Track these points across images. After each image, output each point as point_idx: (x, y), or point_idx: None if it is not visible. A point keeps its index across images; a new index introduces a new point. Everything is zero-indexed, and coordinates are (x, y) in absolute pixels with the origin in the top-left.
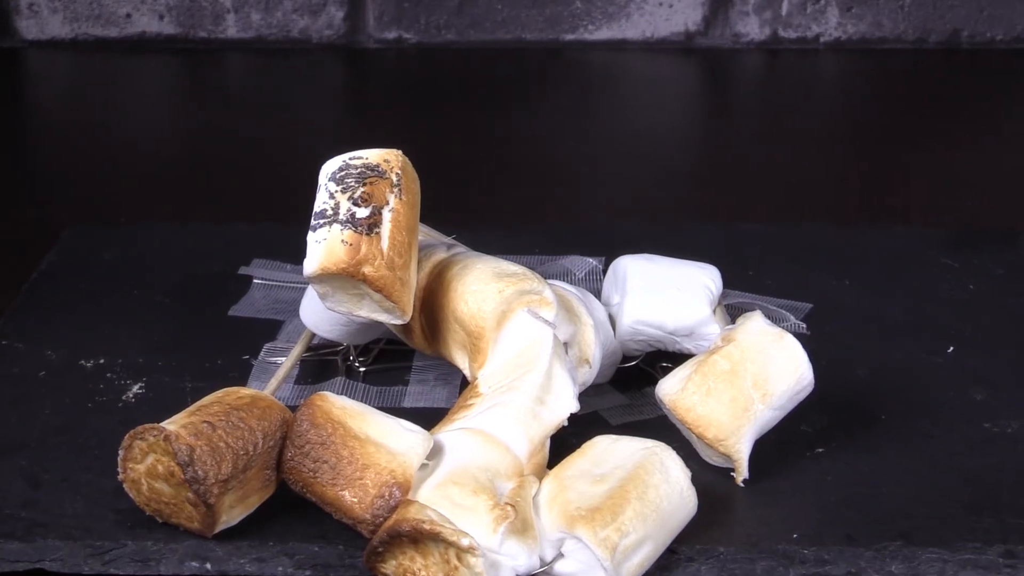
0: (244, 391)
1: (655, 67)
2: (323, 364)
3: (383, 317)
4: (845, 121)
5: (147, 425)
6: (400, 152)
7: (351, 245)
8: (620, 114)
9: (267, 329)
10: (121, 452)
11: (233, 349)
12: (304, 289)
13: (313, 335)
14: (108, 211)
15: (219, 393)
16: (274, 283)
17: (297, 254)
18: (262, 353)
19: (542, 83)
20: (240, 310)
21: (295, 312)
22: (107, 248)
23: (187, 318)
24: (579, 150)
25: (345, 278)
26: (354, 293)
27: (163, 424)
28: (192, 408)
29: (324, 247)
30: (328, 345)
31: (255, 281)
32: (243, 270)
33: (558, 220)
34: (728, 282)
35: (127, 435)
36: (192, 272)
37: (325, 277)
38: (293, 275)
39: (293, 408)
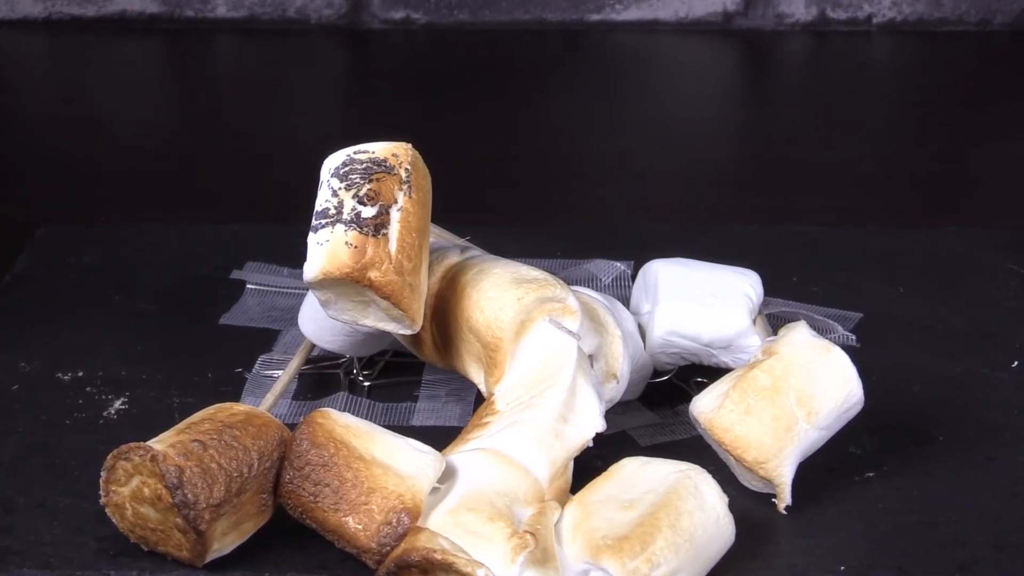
0: (238, 407)
1: (689, 51)
2: (324, 378)
3: (390, 327)
4: (899, 112)
5: (132, 444)
6: (409, 145)
7: (356, 247)
8: (650, 103)
9: (262, 339)
10: (103, 474)
11: (225, 361)
12: (303, 295)
13: (313, 346)
14: (87, 209)
15: (210, 409)
16: (270, 289)
17: (296, 257)
18: (257, 366)
19: (564, 69)
20: (233, 318)
21: (293, 321)
22: (86, 249)
23: (174, 327)
24: (605, 143)
25: (349, 284)
26: (359, 300)
27: (149, 443)
28: (181, 426)
29: (326, 250)
30: (329, 357)
31: (249, 286)
32: (236, 274)
33: (582, 220)
34: (769, 289)
35: (110, 455)
36: (180, 276)
37: (327, 282)
38: (291, 280)
39: (291, 426)
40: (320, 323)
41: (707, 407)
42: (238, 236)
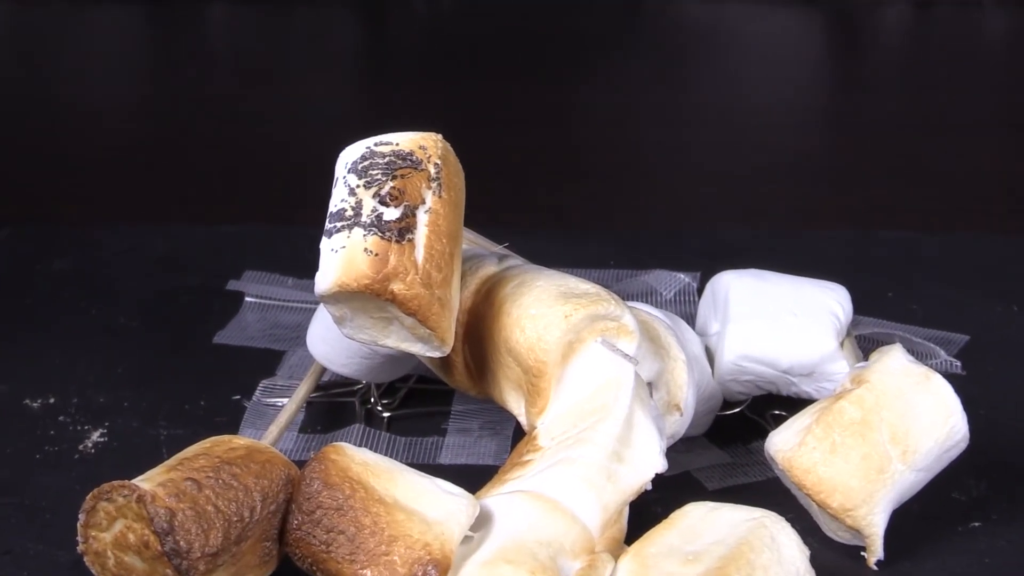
0: (237, 441)
1: (767, 24)
2: (337, 408)
3: (416, 348)
4: (1016, 97)
5: (115, 483)
6: (439, 136)
7: (377, 255)
8: (720, 86)
9: (264, 362)
10: (81, 517)
11: (220, 387)
12: (313, 311)
13: (324, 370)
14: (59, 207)
15: (206, 443)
16: (273, 302)
17: (304, 265)
18: (258, 392)
19: (618, 46)
20: (229, 337)
21: (300, 340)
22: (58, 254)
23: (161, 346)
24: (667, 132)
25: (368, 297)
26: (379, 317)
27: (135, 481)
28: (172, 462)
29: (342, 257)
30: (343, 383)
31: (248, 299)
32: (233, 285)
33: (640, 223)
34: (860, 306)
35: (89, 495)
36: (167, 286)
37: (342, 296)
38: (298, 292)
39: (300, 463)
40: (333, 343)
41: (785, 444)
42: (235, 239)
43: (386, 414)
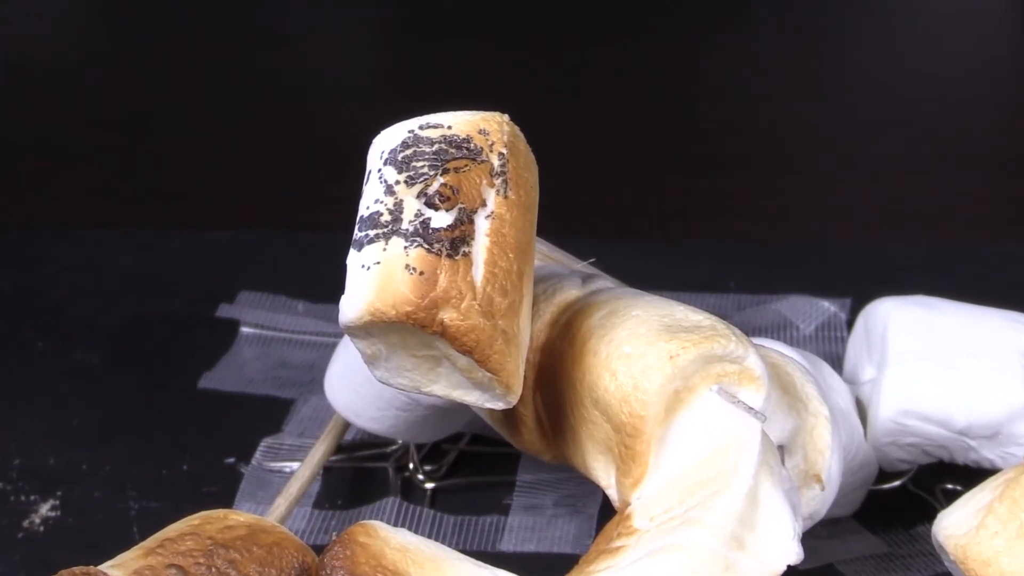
0: (235, 517)
1: None
2: (364, 476)
3: (472, 397)
4: None
5: (77, 569)
6: (506, 117)
7: (422, 274)
8: (880, 55)
9: (266, 413)
10: None
11: (209, 446)
12: (332, 346)
13: (347, 426)
14: None
15: (194, 520)
16: (278, 334)
17: (320, 284)
18: (259, 454)
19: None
20: (220, 380)
21: (316, 385)
22: None
23: (129, 392)
24: (809, 113)
25: (410, 330)
26: (424, 355)
27: (103, 568)
28: (150, 543)
29: (376, 277)
30: (373, 443)
31: (244, 330)
32: (224, 311)
33: (771, 232)
34: None
35: None
36: (137, 312)
37: (376, 327)
38: (312, 321)
39: (317, 548)
40: (360, 390)
41: (959, 528)
42: (228, 249)
43: (430, 484)
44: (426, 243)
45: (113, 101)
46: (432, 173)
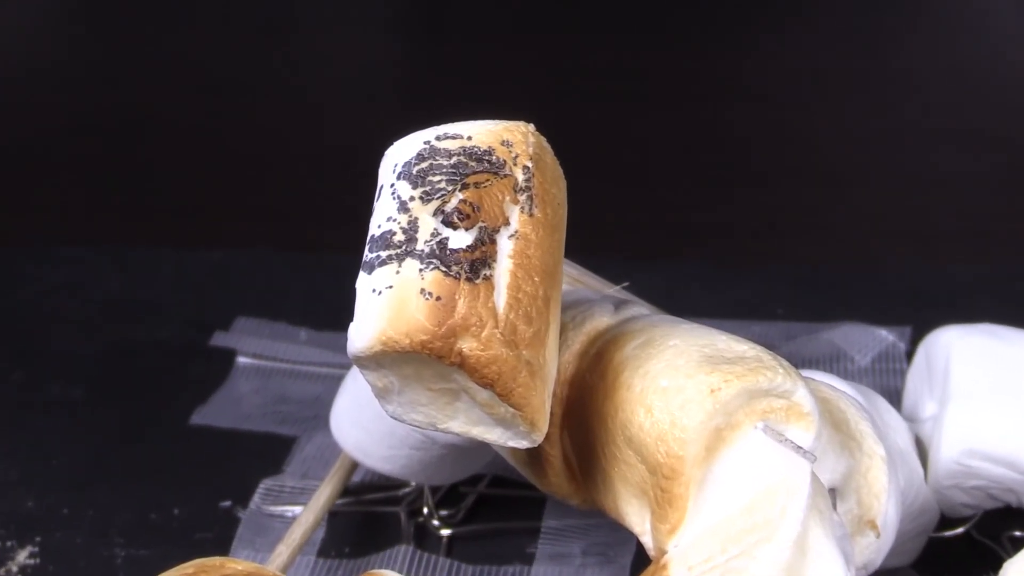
0: (233, 565)
1: None
2: (374, 521)
3: (493, 435)
4: None
5: None
6: (532, 127)
7: (439, 300)
8: (945, 52)
9: (266, 452)
10: None
11: (202, 489)
12: (339, 378)
13: (355, 466)
14: None
15: (187, 568)
16: (278, 365)
17: (325, 310)
18: (257, 497)
19: None
20: (214, 415)
21: (322, 422)
22: None
23: (114, 429)
24: (866, 119)
25: (426, 360)
26: (441, 389)
27: None
28: None
29: (388, 302)
30: (384, 486)
31: (241, 360)
32: (219, 339)
33: (822, 252)
34: None
35: None
36: (123, 340)
37: (388, 358)
38: (316, 351)
39: None
40: (370, 427)
41: None
42: (223, 270)
43: (446, 531)
44: (443, 265)
45: (96, 105)
46: (450, 188)
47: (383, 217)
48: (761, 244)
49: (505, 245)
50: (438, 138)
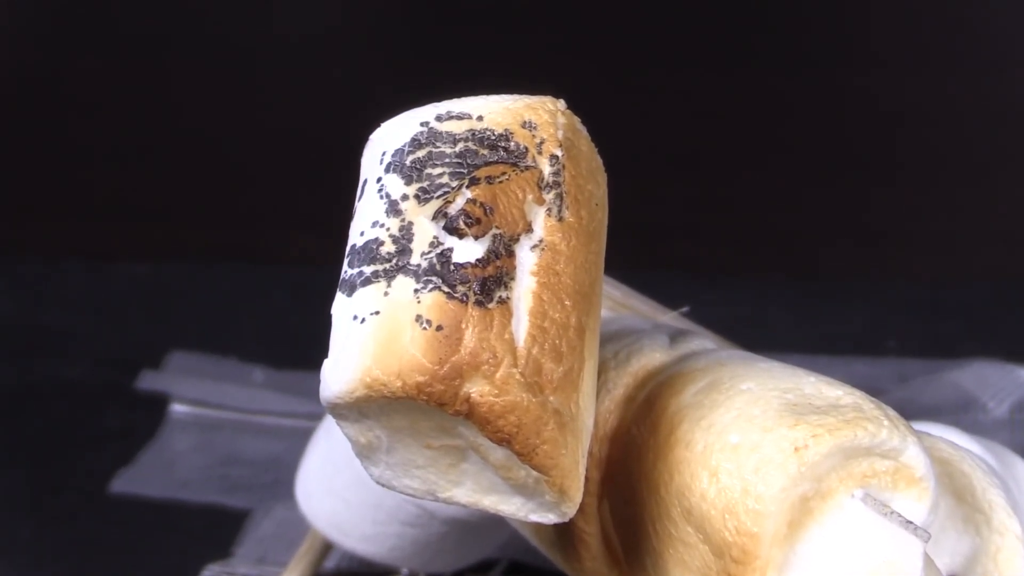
0: None
1: None
2: None
3: (511, 506)
4: None
5: None
6: (562, 104)
7: (440, 329)
8: None
9: (210, 529)
10: None
11: (128, 574)
12: (307, 432)
13: (329, 548)
14: None
15: None
16: (225, 414)
17: (290, 341)
18: None
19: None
20: (141, 480)
21: (282, 489)
22: None
23: (13, 495)
24: (987, 111)
25: (423, 408)
26: (443, 446)
27: None
28: None
29: (374, 333)
30: (367, 574)
31: (176, 409)
32: (146, 381)
33: (945, 268)
34: None
35: None
36: (21, 381)
37: (373, 404)
38: (275, 396)
39: None
40: (348, 497)
41: None
42: (153, 288)
43: None
44: (446, 284)
45: (11, 77)
46: (455, 184)
47: (367, 222)
48: (865, 256)
49: (527, 258)
50: (439, 118)
